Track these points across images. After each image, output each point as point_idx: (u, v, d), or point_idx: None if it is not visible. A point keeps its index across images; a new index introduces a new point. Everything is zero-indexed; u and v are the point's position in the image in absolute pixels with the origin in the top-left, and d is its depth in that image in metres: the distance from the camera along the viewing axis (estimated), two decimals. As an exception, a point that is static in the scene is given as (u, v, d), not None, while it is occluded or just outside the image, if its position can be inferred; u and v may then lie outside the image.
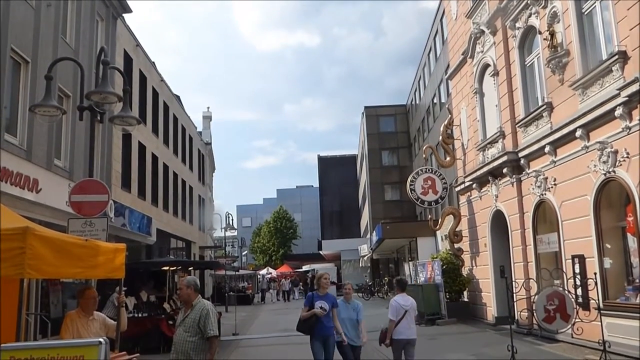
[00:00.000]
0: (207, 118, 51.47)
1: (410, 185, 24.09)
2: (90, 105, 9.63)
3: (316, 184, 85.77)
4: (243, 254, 68.93)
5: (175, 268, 21.52)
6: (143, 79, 26.57)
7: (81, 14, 18.58)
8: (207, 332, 5.86)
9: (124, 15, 22.99)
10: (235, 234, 48.61)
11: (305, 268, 53.74)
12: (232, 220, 31.73)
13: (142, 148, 25.77)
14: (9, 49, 13.93)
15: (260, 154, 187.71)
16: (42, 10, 15.63)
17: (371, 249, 44.19)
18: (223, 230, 32.41)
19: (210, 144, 49.27)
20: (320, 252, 61.92)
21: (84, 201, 9.68)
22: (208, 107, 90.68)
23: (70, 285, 15.83)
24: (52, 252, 5.65)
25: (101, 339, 4.78)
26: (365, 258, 49.58)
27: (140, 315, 16.41)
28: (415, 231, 32.26)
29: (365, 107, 54.01)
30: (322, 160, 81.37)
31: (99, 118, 9.88)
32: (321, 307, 8.28)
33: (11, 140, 13.92)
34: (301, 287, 48.71)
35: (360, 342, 8.67)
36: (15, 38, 14.18)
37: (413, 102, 46.65)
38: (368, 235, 49.16)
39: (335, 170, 77.50)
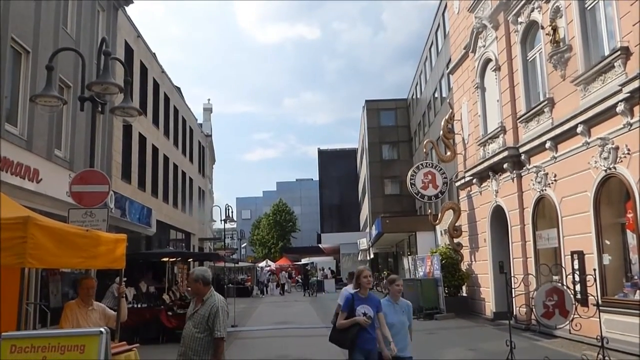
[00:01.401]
0: (208, 110, 51.43)
1: (411, 179, 24.07)
2: (91, 95, 9.59)
3: (316, 177, 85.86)
4: (242, 246, 68.97)
5: (174, 259, 21.55)
6: (144, 70, 26.52)
7: (82, 4, 18.52)
8: (214, 332, 5.59)
9: (124, 6, 22.93)
10: (235, 226, 48.62)
11: (304, 261, 53.80)
12: (232, 212, 31.71)
13: (142, 139, 25.75)
14: (10, 38, 13.89)
15: (260, 146, 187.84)
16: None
17: (370, 243, 44.22)
18: (222, 222, 32.41)
19: (211, 136, 49.24)
20: (320, 245, 61.99)
21: (85, 191, 9.62)
22: (209, 99, 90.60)
23: (69, 275, 15.87)
24: (53, 241, 5.64)
25: (102, 329, 4.76)
26: (365, 252, 49.62)
27: (139, 306, 16.44)
28: (414, 225, 32.28)
29: (366, 101, 54.00)
30: (322, 154, 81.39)
31: (100, 109, 9.84)
32: (364, 314, 6.70)
33: (12, 130, 13.91)
34: (299, 279, 48.69)
35: (411, 353, 7.06)
36: (16, 27, 14.13)
37: (414, 97, 46.59)
38: (367, 229, 49.20)
39: (335, 164, 77.56)
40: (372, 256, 48.44)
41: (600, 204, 12.58)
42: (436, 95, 35.18)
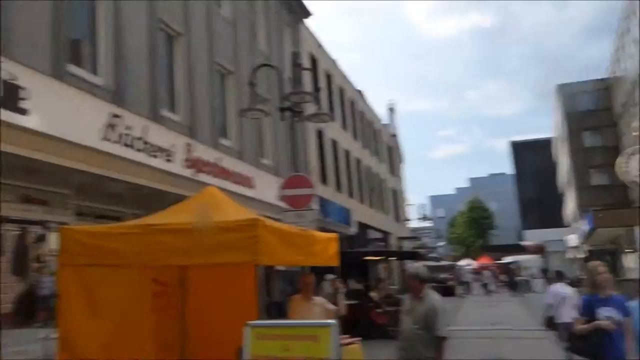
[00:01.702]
0: (391, 110, 51.78)
1: (623, 167, 21.84)
2: (289, 106, 10.28)
3: (508, 171, 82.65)
4: (440, 244, 68.34)
5: (378, 258, 21.95)
6: (328, 77, 27.58)
7: (270, 23, 19.95)
8: (436, 331, 5.66)
9: (304, 19, 24.07)
10: (431, 224, 48.25)
11: (507, 259, 51.45)
12: (427, 211, 31.61)
13: (334, 144, 26.84)
14: (215, 63, 15.47)
15: (445, 143, 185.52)
16: (237, 23, 17.05)
17: (582, 240, 40.99)
18: (418, 221, 32.47)
19: (396, 135, 49.52)
20: (520, 242, 59.22)
21: (294, 195, 10.33)
22: (391, 100, 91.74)
23: (284, 272, 16.97)
24: (277, 240, 6.12)
25: (332, 321, 5.03)
26: (575, 249, 46.21)
27: (351, 302, 16.96)
28: (633, 219, 29.10)
29: (558, 85, 50.59)
30: (515, 146, 78.41)
31: (297, 118, 10.55)
32: (609, 318, 5.68)
33: (227, 143, 15.57)
34: (504, 279, 46.58)
35: None
36: (219, 52, 15.69)
37: (614, 76, 42.52)
38: (575, 224, 45.81)
39: (530, 156, 74.02)
40: (585, 254, 44.88)
41: None
42: (642, 70, 31.72)
